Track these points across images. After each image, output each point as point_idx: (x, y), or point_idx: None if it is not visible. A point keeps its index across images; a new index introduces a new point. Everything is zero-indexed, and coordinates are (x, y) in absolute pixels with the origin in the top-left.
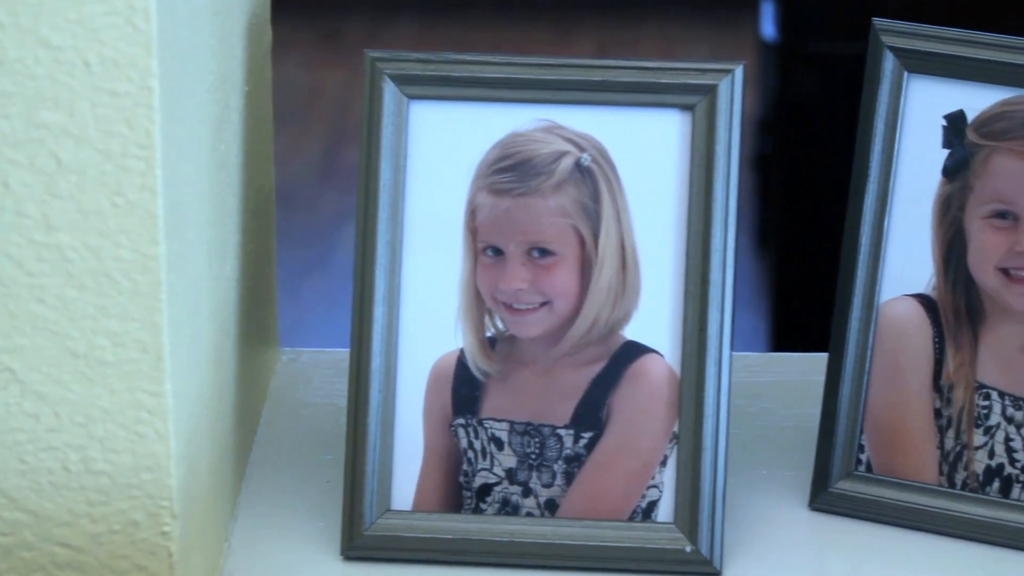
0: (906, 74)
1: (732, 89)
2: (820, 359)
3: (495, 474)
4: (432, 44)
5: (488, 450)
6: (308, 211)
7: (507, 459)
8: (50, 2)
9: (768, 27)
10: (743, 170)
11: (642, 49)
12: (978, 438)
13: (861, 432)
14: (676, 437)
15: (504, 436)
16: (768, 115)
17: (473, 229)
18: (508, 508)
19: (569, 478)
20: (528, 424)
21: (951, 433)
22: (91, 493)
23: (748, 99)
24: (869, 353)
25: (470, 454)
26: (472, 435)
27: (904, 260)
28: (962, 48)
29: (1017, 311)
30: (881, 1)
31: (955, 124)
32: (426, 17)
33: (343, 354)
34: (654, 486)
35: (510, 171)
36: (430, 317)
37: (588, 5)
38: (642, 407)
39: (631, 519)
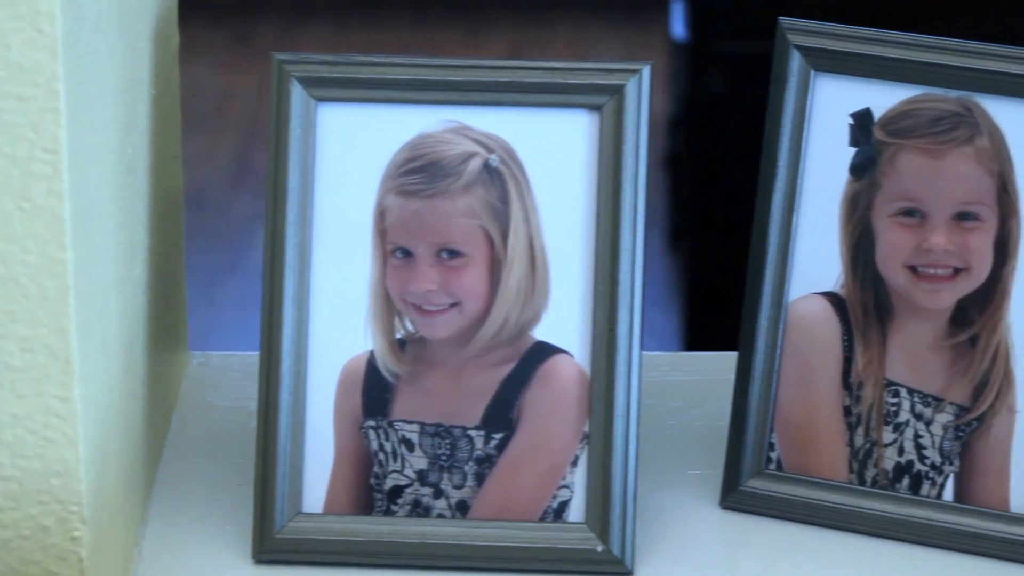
0: (812, 73)
1: (639, 89)
2: (731, 358)
3: (406, 476)
4: (345, 46)
5: (399, 452)
6: (221, 215)
7: (418, 461)
8: None
9: (678, 27)
10: (653, 169)
11: (555, 50)
12: (887, 435)
13: (771, 430)
14: (587, 437)
15: (415, 438)
16: (679, 114)
17: (382, 231)
18: (419, 510)
19: (480, 479)
20: (439, 425)
21: (861, 430)
22: (0, 499)
23: (659, 99)
24: (778, 351)
25: (381, 456)
26: (383, 437)
27: (812, 258)
28: (868, 46)
29: (925, 308)
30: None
31: (862, 122)
32: (339, 19)
33: (254, 357)
34: (565, 486)
35: (418, 172)
36: (340, 319)
37: (501, 6)
38: (552, 407)
39: (542, 519)
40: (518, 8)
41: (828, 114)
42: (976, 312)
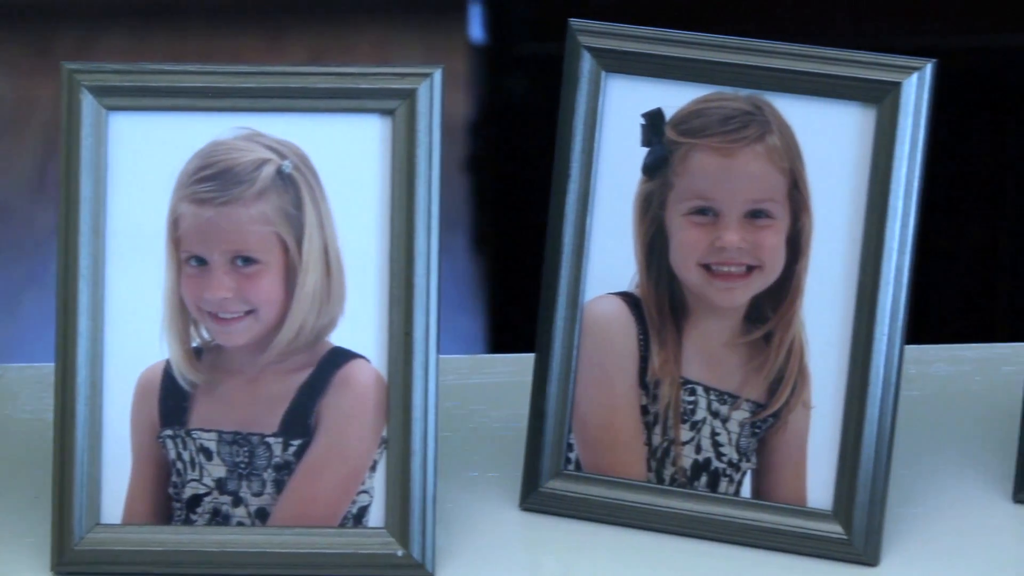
0: (603, 73)
1: (431, 93)
2: (530, 360)
3: (205, 484)
4: (145, 55)
5: (197, 460)
6: (22, 226)
7: (216, 469)
8: None
9: (476, 30)
10: (455, 172)
11: (358, 55)
12: (685, 433)
13: (569, 431)
14: (385, 442)
15: (212, 446)
16: (479, 117)
17: (176, 239)
18: (219, 518)
19: (279, 486)
20: (237, 433)
21: (658, 429)
22: None
23: (460, 102)
24: (575, 352)
25: (179, 465)
26: (180, 446)
27: (607, 259)
28: (658, 47)
29: (720, 306)
30: (586, 1)
31: (653, 122)
32: (137, 28)
33: (51, 368)
34: (364, 491)
35: (211, 180)
36: (135, 329)
37: (302, 12)
38: (350, 413)
39: (342, 525)
40: (319, 14)
41: (620, 114)
42: (770, 309)
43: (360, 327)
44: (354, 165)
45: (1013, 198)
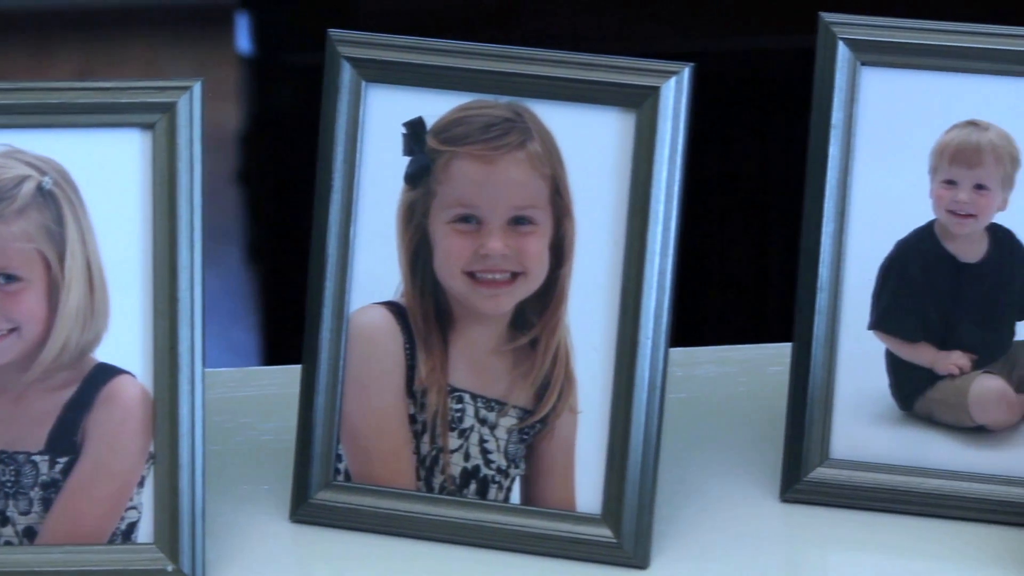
0: (364, 83)
1: (192, 106)
2: (298, 371)
3: None
4: None
5: None
6: None
7: None
8: None
9: (244, 41)
10: (224, 184)
11: (125, 70)
12: (453, 441)
13: (338, 442)
14: (153, 457)
15: None
16: (249, 128)
17: None
18: None
19: (47, 504)
20: (2, 452)
21: (427, 438)
22: None
23: (229, 113)
24: (342, 363)
25: None
26: None
27: (372, 268)
28: (417, 55)
29: (485, 313)
30: (353, 13)
31: (415, 131)
32: None
33: None
34: (133, 507)
35: None
36: None
37: (70, 26)
38: (116, 429)
39: (111, 542)
40: (87, 28)
41: (381, 124)
42: (535, 315)
43: (125, 342)
44: (116, 180)
45: (777, 199)
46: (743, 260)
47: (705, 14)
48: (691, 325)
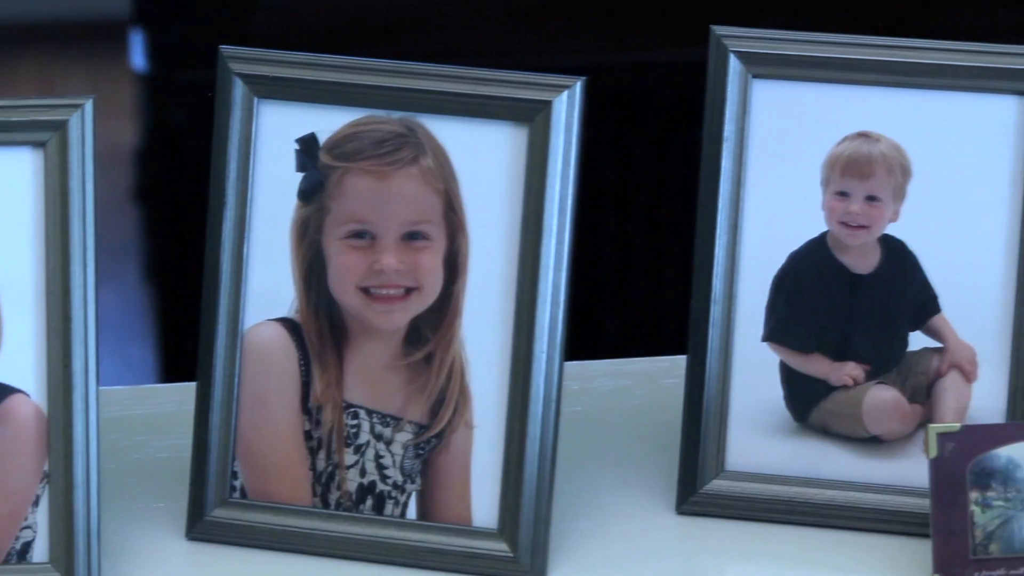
0: (256, 100)
1: (83, 123)
2: (193, 388)
3: None
4: None
5: None
6: None
7: None
8: None
9: (138, 58)
10: (122, 201)
11: (18, 88)
12: (349, 457)
13: (234, 459)
14: (47, 476)
15: None
16: (146, 145)
17: None
18: None
19: None
20: None
21: (322, 454)
22: None
23: (126, 130)
24: (237, 380)
25: None
26: None
27: (266, 285)
28: (309, 71)
29: (379, 329)
30: (245, 28)
31: (307, 147)
32: None
33: None
34: (28, 527)
35: None
36: None
37: None
38: (10, 449)
39: (6, 561)
40: None
41: (274, 140)
42: (430, 330)
43: (18, 361)
44: (7, 198)
45: (672, 212)
46: (638, 273)
47: (599, 28)
48: (586, 338)
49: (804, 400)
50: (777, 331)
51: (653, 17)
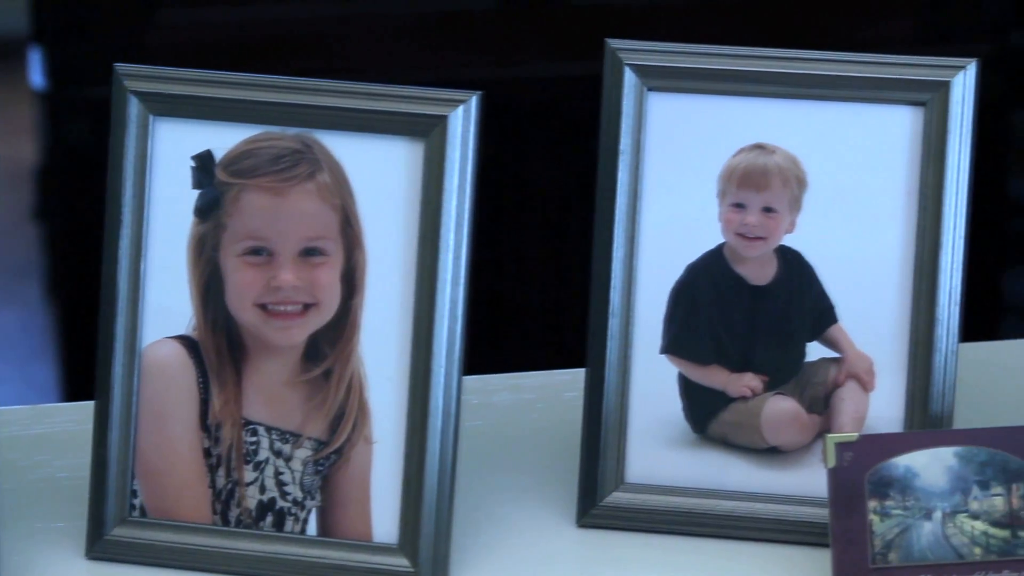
0: (152, 117)
1: None
2: (92, 407)
3: None
4: None
5: None
6: None
7: None
8: None
9: (36, 75)
10: (23, 221)
11: None
12: (249, 474)
13: (133, 477)
14: None
15: None
16: (47, 164)
17: None
18: None
19: None
20: None
21: (222, 471)
22: None
23: (26, 149)
24: (135, 398)
25: None
26: None
27: (164, 302)
28: (204, 88)
29: (278, 345)
30: (143, 45)
31: (204, 164)
32: None
33: None
34: None
35: None
36: None
37: None
38: None
39: None
40: None
41: (170, 158)
42: (328, 346)
43: None
44: None
45: (571, 225)
46: (538, 286)
47: (496, 42)
48: (486, 352)
49: (703, 412)
50: (675, 343)
51: (550, 31)
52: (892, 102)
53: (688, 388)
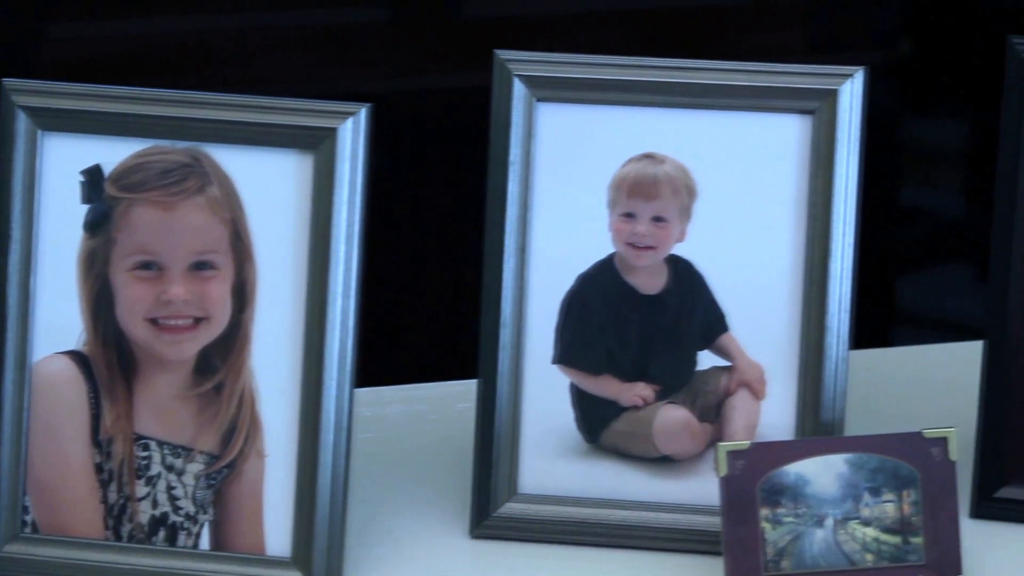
0: (39, 132)
1: None
2: None
3: None
4: None
5: None
6: None
7: None
8: None
9: None
10: None
11: None
12: (141, 489)
13: (25, 493)
14: None
15: None
16: None
17: None
18: None
19: None
20: None
21: (114, 486)
22: None
23: None
24: (26, 413)
25: None
26: None
27: (54, 317)
28: (93, 103)
29: (169, 359)
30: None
31: (93, 179)
32: None
33: None
34: None
35: None
36: None
37: None
38: None
39: None
40: None
41: (59, 173)
42: (219, 360)
43: None
44: None
45: (463, 236)
46: (430, 298)
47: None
48: (378, 364)
49: (595, 421)
50: (567, 353)
51: (441, 43)
52: (781, 110)
53: (580, 398)
